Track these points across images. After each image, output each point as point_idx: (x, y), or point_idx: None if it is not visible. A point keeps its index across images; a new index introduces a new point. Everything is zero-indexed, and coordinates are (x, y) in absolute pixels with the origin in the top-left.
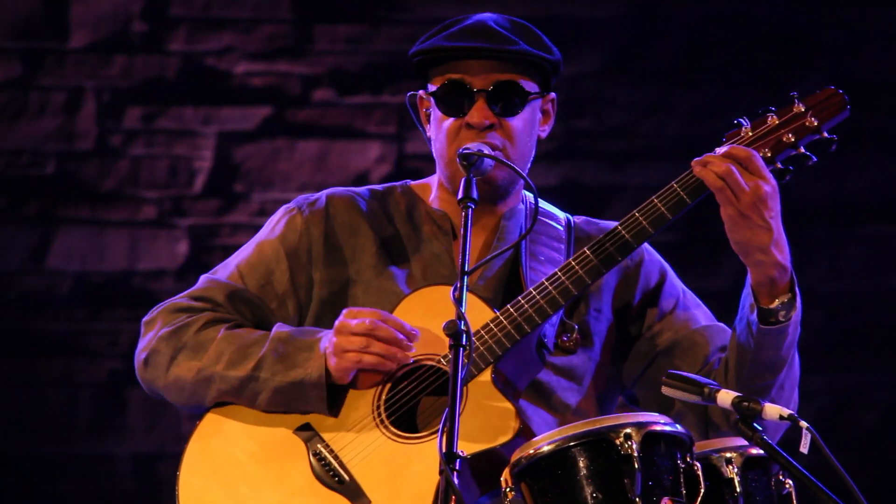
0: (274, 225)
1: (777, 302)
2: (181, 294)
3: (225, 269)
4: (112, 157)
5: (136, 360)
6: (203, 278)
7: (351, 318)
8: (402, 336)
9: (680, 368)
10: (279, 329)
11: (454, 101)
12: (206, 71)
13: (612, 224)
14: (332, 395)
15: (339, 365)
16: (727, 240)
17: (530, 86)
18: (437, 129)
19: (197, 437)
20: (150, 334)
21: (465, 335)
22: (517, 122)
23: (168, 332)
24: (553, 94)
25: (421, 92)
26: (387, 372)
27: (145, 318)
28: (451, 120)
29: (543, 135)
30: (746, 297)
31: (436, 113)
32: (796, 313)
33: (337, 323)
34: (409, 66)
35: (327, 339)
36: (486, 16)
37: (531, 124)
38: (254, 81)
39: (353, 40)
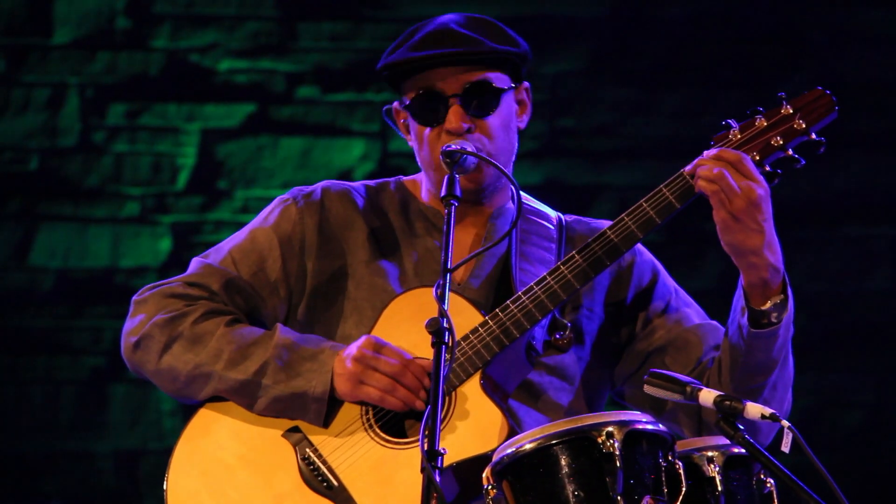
0: (268, 214)
1: (770, 303)
2: (175, 277)
3: (217, 255)
4: (95, 153)
5: (125, 341)
6: (196, 262)
7: (374, 350)
8: (424, 385)
9: (672, 367)
10: (283, 334)
11: (429, 110)
12: (190, 68)
13: (604, 223)
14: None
15: (352, 392)
16: (711, 240)
17: (502, 81)
18: (419, 139)
19: (186, 438)
20: (142, 317)
21: (447, 332)
22: (494, 120)
23: (164, 320)
24: (526, 84)
25: (395, 104)
26: None
27: (136, 297)
28: (429, 129)
29: (522, 125)
30: (738, 299)
31: (413, 124)
32: (788, 314)
33: (355, 350)
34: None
35: (338, 357)
36: (448, 18)
37: (508, 119)
38: (238, 79)
39: (337, 38)
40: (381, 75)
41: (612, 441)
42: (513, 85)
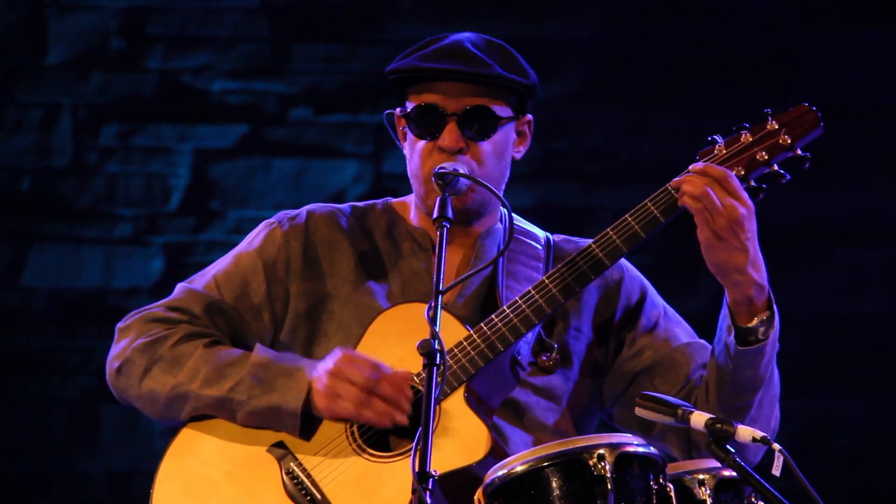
0: (253, 237)
1: (756, 320)
2: (158, 303)
3: (202, 279)
4: (88, 173)
5: (109, 367)
6: (180, 287)
7: (349, 364)
8: (403, 397)
9: (661, 387)
10: (260, 354)
11: (427, 124)
12: (184, 88)
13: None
14: (306, 420)
15: (329, 408)
16: (703, 261)
17: (503, 110)
18: (412, 149)
19: (170, 455)
20: (124, 342)
21: (438, 354)
22: (487, 147)
23: (144, 344)
24: (529, 117)
25: (398, 110)
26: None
27: (120, 325)
28: (423, 142)
29: (518, 156)
30: (724, 318)
31: (410, 133)
32: (774, 331)
33: (332, 365)
34: (386, 86)
35: (315, 374)
36: (464, 36)
37: (503, 147)
38: (231, 99)
39: (330, 60)
40: (388, 78)
41: (603, 463)
42: (514, 115)
